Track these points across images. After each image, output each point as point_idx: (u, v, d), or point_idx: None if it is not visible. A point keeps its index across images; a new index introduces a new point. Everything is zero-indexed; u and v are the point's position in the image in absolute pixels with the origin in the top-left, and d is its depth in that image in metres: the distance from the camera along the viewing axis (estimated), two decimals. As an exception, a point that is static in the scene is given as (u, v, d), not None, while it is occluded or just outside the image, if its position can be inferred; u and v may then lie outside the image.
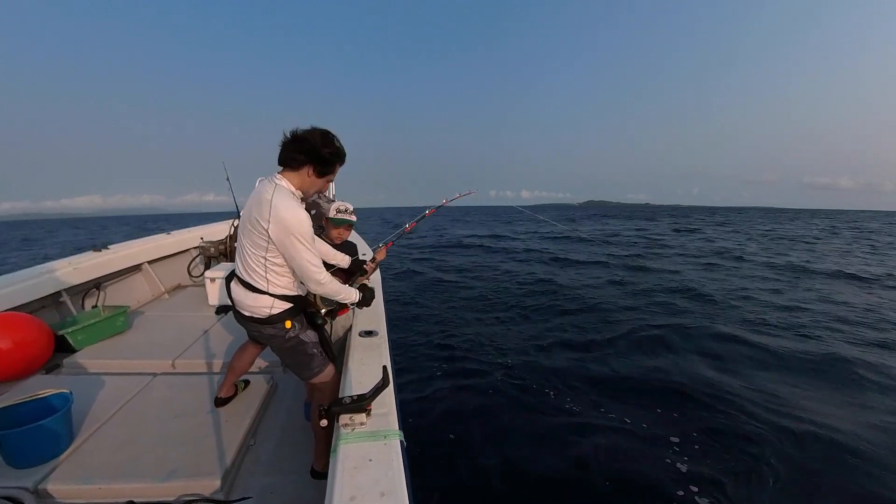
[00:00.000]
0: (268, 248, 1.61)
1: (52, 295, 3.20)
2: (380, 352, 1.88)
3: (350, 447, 1.22)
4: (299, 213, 1.57)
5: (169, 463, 1.73)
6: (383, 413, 1.40)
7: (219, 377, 2.42)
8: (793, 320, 6.61)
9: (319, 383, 1.85)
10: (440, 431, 3.40)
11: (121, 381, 2.38)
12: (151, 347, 2.89)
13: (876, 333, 6.06)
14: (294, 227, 1.54)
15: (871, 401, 4.06)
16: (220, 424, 2.01)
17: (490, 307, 7.37)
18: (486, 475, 2.90)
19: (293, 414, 2.27)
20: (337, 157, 1.70)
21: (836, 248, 17.51)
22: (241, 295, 1.75)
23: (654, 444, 3.28)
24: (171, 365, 2.66)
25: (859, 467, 3.04)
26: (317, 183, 1.72)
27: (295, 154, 1.62)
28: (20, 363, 2.37)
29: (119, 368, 2.61)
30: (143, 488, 1.62)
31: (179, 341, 2.95)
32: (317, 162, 1.64)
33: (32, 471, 1.63)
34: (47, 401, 1.86)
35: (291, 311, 1.77)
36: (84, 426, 1.95)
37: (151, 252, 4.49)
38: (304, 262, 1.60)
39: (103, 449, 1.81)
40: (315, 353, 1.83)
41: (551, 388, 4.26)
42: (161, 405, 2.16)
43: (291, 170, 1.65)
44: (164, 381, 2.43)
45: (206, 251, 4.78)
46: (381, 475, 1.11)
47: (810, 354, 5.11)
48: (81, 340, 2.82)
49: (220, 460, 1.76)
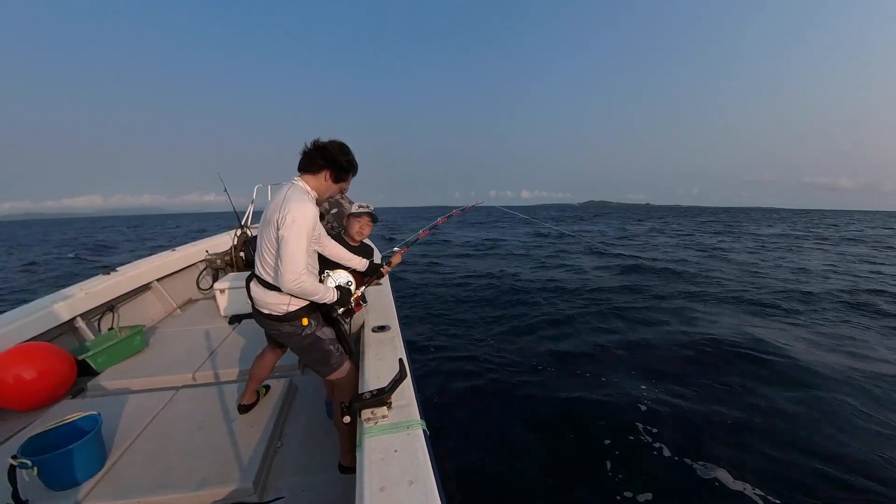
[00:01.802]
0: (278, 240, 1.66)
1: (68, 322, 3.25)
2: (394, 345, 1.90)
3: (375, 440, 1.25)
4: (307, 207, 1.65)
5: (200, 472, 1.78)
6: (404, 405, 1.42)
7: (239, 385, 2.47)
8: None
9: (338, 380, 1.88)
10: (461, 420, 3.45)
11: (145, 398, 2.43)
12: (171, 362, 2.94)
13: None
14: (297, 217, 1.61)
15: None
16: (245, 431, 2.06)
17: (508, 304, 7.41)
18: (512, 459, 2.95)
19: (315, 414, 2.31)
20: (351, 165, 1.87)
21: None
22: (259, 293, 1.81)
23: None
24: (191, 378, 2.71)
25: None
26: (332, 188, 1.86)
27: (316, 159, 1.77)
28: (46, 391, 2.42)
29: (142, 386, 2.67)
30: (178, 499, 1.67)
31: (197, 354, 3.00)
32: (335, 167, 1.80)
33: (72, 492, 1.68)
34: (76, 424, 1.90)
35: (308, 308, 1.83)
36: (115, 445, 2.00)
37: (159, 270, 4.53)
38: (294, 252, 1.61)
39: (136, 464, 1.86)
40: (332, 350, 1.87)
41: (571, 368, 4.30)
42: (186, 417, 2.21)
43: (310, 174, 1.80)
44: (187, 393, 2.47)
45: (213, 263, 4.81)
46: (408, 464, 1.13)
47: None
48: (102, 363, 2.87)
49: (249, 465, 1.81)
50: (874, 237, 22.37)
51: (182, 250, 5.17)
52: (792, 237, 21.77)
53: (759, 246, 16.92)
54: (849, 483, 2.63)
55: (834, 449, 2.96)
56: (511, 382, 3.99)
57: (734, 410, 3.46)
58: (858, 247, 17.06)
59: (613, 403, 3.58)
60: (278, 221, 1.62)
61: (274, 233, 1.66)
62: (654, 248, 15.60)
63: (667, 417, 3.38)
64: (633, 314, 6.19)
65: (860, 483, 2.63)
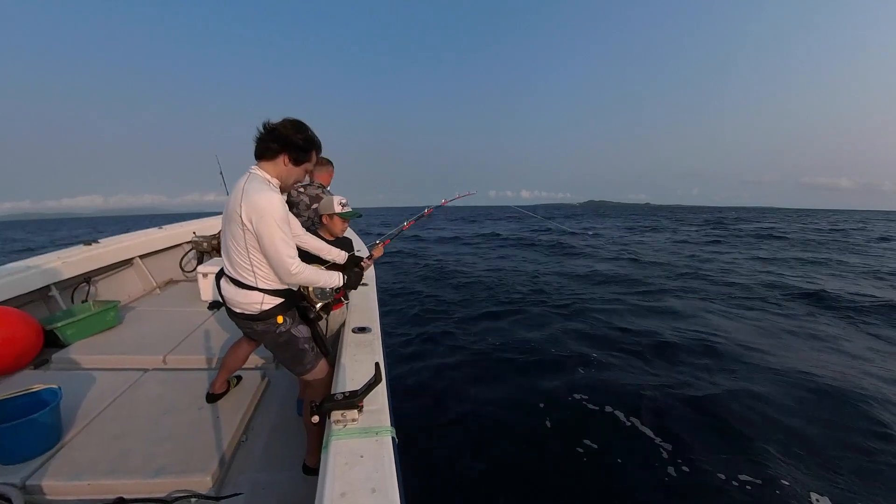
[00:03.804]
0: (246, 238, 1.57)
1: (41, 289, 3.16)
2: (373, 348, 1.88)
3: (342, 443, 1.23)
4: (271, 196, 1.54)
5: (159, 459, 1.73)
6: (375, 410, 1.40)
7: (211, 373, 2.41)
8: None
9: (312, 379, 1.85)
10: (433, 428, 3.41)
11: (111, 377, 2.36)
12: (142, 343, 2.86)
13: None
14: (265, 209, 1.51)
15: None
16: (211, 421, 2.01)
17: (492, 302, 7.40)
18: (477, 471, 2.92)
19: (286, 410, 2.27)
20: (311, 143, 1.69)
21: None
22: (230, 292, 1.73)
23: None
24: (162, 361, 2.64)
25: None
26: (294, 171, 1.71)
27: (269, 143, 1.62)
28: (8, 358, 2.34)
29: (109, 364, 2.59)
30: (133, 484, 1.61)
31: (171, 337, 2.93)
32: (291, 149, 1.64)
33: (21, 466, 1.62)
34: (36, 396, 1.84)
35: (283, 306, 1.75)
36: (74, 422, 1.93)
37: (143, 246, 4.44)
38: (277, 246, 1.54)
39: (93, 445, 1.80)
40: (307, 349, 1.81)
41: (546, 372, 4.29)
42: (152, 401, 2.15)
43: (267, 160, 1.65)
44: (155, 376, 2.41)
45: (199, 246, 4.73)
46: (373, 471, 1.11)
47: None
48: (71, 335, 2.79)
49: (211, 456, 1.76)
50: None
51: (169, 229, 5.08)
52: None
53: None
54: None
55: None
56: (493, 394, 3.98)
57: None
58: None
59: (586, 407, 3.61)
60: (242, 218, 1.52)
61: (239, 230, 1.56)
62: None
63: (642, 415, 3.42)
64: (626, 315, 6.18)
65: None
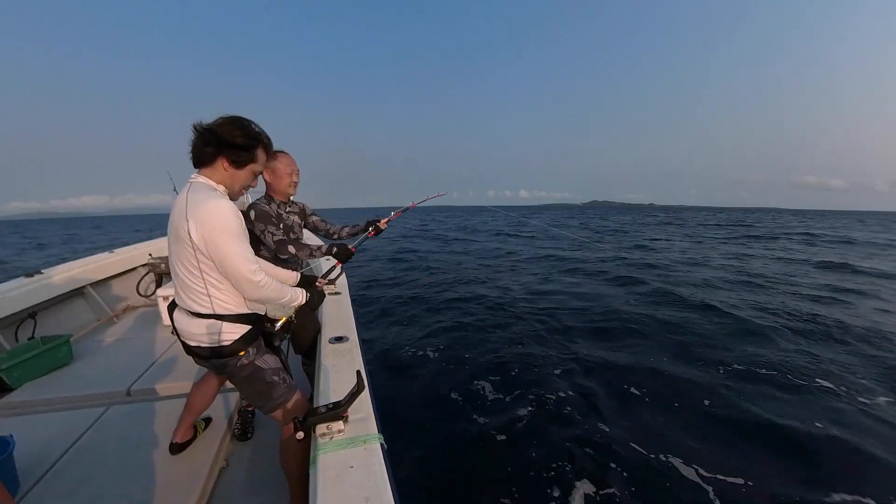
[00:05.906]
0: (197, 257, 1.38)
1: None
2: (352, 356, 1.85)
3: (330, 456, 1.20)
4: (219, 203, 1.35)
5: (135, 497, 1.63)
6: (361, 418, 1.38)
7: (180, 401, 2.29)
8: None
9: (286, 416, 1.58)
10: (421, 431, 3.41)
11: (70, 417, 2.19)
12: (102, 376, 2.67)
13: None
14: (214, 220, 1.33)
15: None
16: (186, 450, 1.91)
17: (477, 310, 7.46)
18: (470, 472, 2.95)
19: (268, 429, 2.19)
20: (254, 139, 1.48)
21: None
22: (184, 323, 1.50)
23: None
24: (126, 393, 2.48)
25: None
26: (238, 175, 1.50)
27: (204, 147, 1.42)
28: (-54, 410, 2.13)
29: (66, 403, 2.41)
30: None
31: (133, 367, 2.75)
32: (229, 150, 1.43)
33: None
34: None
35: (245, 339, 1.53)
36: (32, 471, 1.78)
37: (93, 273, 4.15)
38: (235, 258, 1.36)
39: (57, 493, 1.67)
40: (276, 381, 1.58)
41: (530, 376, 4.39)
42: (118, 438, 2.02)
43: (206, 166, 1.46)
44: (120, 410, 2.26)
45: (157, 268, 4.48)
46: (364, 480, 1.10)
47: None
48: (18, 377, 2.56)
49: (192, 487, 1.68)
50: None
51: (122, 252, 4.77)
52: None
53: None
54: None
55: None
56: (480, 396, 4.02)
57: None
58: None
59: (575, 409, 3.69)
60: (190, 234, 1.33)
61: (188, 249, 1.37)
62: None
63: (623, 418, 3.53)
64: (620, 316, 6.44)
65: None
